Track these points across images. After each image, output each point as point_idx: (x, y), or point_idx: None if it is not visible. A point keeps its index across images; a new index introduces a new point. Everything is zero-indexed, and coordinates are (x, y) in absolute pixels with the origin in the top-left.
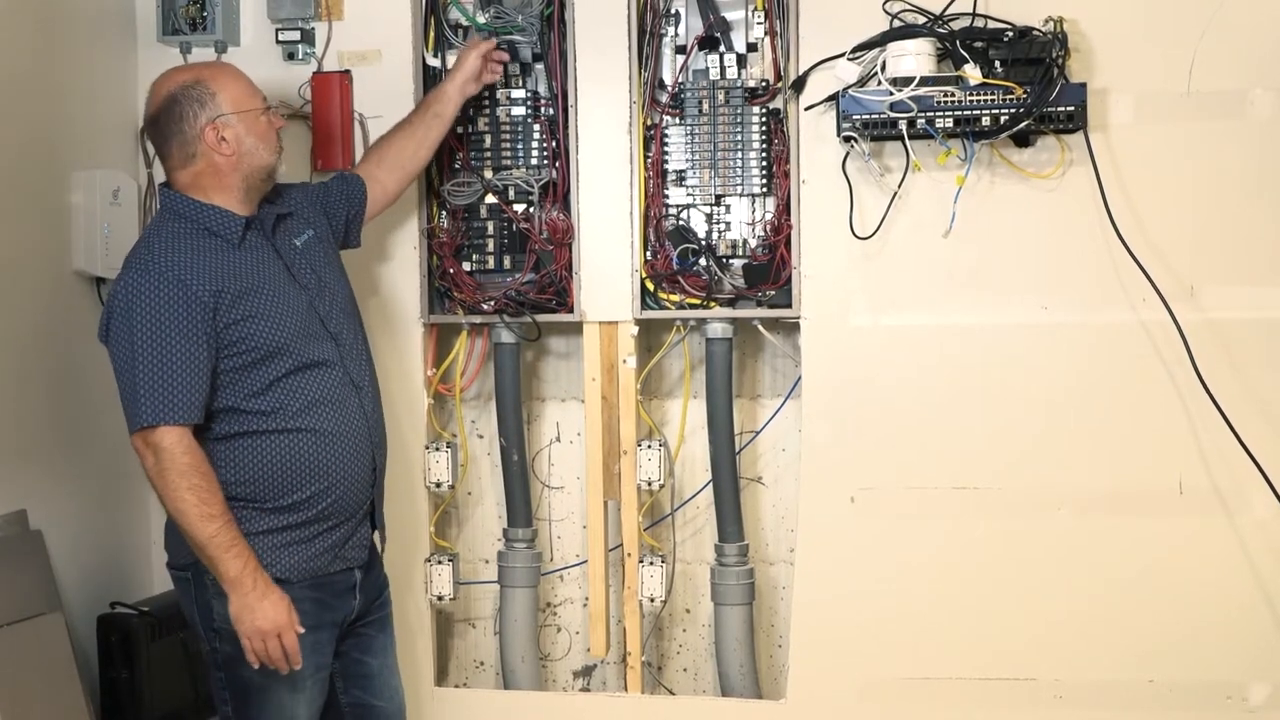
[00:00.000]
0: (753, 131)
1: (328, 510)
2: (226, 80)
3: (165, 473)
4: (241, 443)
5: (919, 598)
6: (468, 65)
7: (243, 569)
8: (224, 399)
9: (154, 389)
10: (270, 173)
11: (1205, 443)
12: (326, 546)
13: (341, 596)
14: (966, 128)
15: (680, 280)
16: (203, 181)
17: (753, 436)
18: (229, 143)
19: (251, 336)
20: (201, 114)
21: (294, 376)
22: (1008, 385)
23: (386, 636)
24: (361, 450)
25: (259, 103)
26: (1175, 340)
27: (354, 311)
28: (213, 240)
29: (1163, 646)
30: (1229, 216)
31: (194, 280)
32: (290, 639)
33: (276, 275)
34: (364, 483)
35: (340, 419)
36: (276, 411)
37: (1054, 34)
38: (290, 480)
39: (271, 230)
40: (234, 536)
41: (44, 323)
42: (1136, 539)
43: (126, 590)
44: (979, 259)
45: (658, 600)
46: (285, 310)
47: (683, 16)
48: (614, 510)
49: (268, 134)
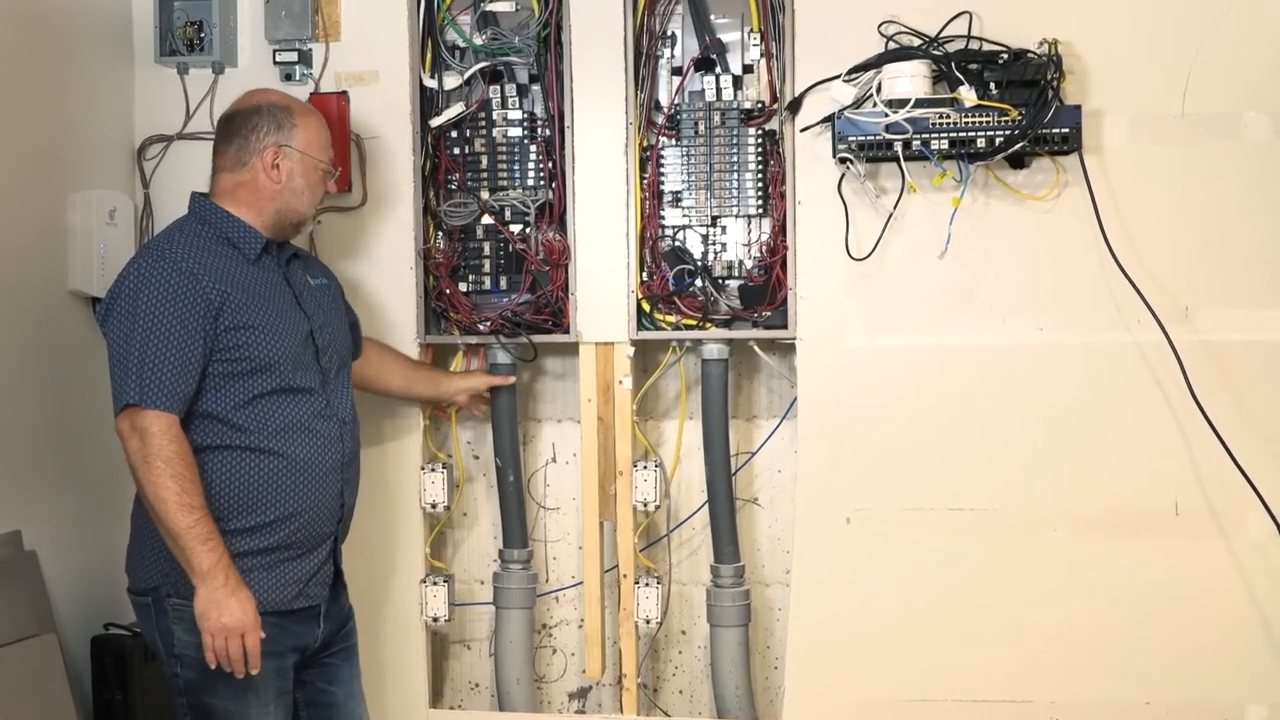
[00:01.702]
0: (749, 153)
1: (289, 539)
2: (311, 123)
3: (150, 458)
4: (212, 456)
5: (915, 619)
6: (472, 384)
7: (216, 563)
8: (207, 404)
9: (145, 370)
10: (300, 222)
11: (1201, 464)
12: (291, 579)
13: (305, 624)
14: (962, 149)
15: (676, 301)
16: (241, 194)
17: (749, 457)
18: (280, 171)
19: (247, 345)
20: (274, 134)
21: (277, 397)
22: (1003, 406)
23: (352, 667)
24: (330, 484)
25: (325, 160)
26: (1170, 361)
27: (348, 359)
28: (230, 250)
29: (1159, 668)
30: (1224, 238)
31: (205, 276)
32: (252, 640)
33: (282, 298)
34: (329, 517)
35: (314, 449)
36: (254, 428)
37: (1049, 56)
38: (254, 501)
39: (286, 262)
40: (211, 530)
41: (39, 343)
42: (1132, 560)
43: (120, 612)
44: (974, 280)
45: (653, 622)
46: (284, 330)
47: (679, 38)
48: (610, 531)
49: (317, 188)
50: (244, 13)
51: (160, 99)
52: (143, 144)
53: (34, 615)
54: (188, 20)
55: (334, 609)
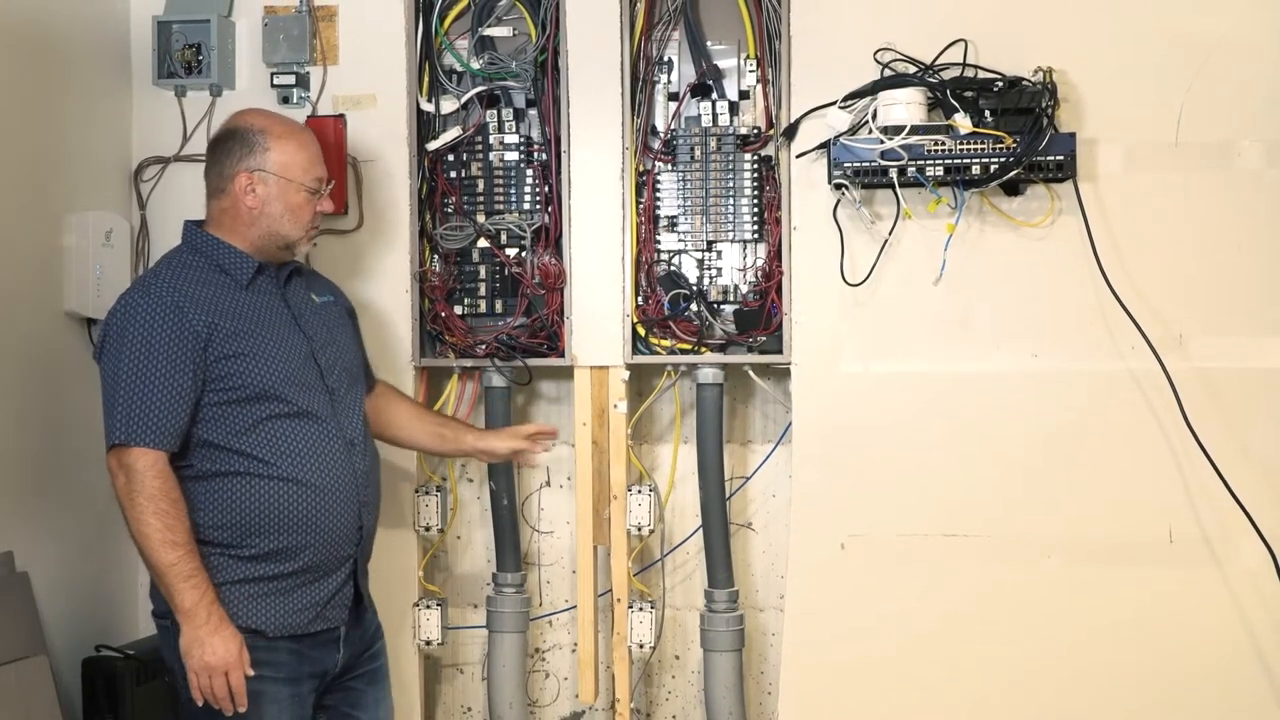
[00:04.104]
0: (744, 178)
1: (306, 565)
2: (289, 144)
3: (134, 495)
4: (220, 484)
5: (909, 645)
6: (499, 445)
7: (198, 601)
8: (207, 433)
9: (132, 409)
10: (287, 245)
11: (1195, 491)
12: (307, 603)
13: (323, 649)
14: (957, 176)
15: (671, 325)
16: (223, 220)
17: (743, 482)
18: (256, 196)
19: (239, 374)
20: (246, 159)
21: (280, 422)
22: (998, 432)
23: (378, 690)
24: (346, 507)
25: (309, 181)
26: (1164, 389)
27: (359, 376)
28: (222, 278)
29: (1153, 695)
30: (1217, 266)
31: (191, 309)
32: (237, 678)
33: (278, 321)
34: (346, 540)
35: (324, 472)
36: (258, 455)
37: (1043, 84)
38: (265, 527)
39: (284, 281)
40: (194, 568)
41: (34, 363)
42: (1126, 586)
43: (112, 633)
44: (969, 306)
45: (647, 646)
46: (280, 355)
47: (675, 64)
48: (604, 555)
49: (300, 210)
50: (242, 36)
51: (157, 121)
52: (139, 165)
53: (25, 636)
54: (186, 43)
55: (355, 632)
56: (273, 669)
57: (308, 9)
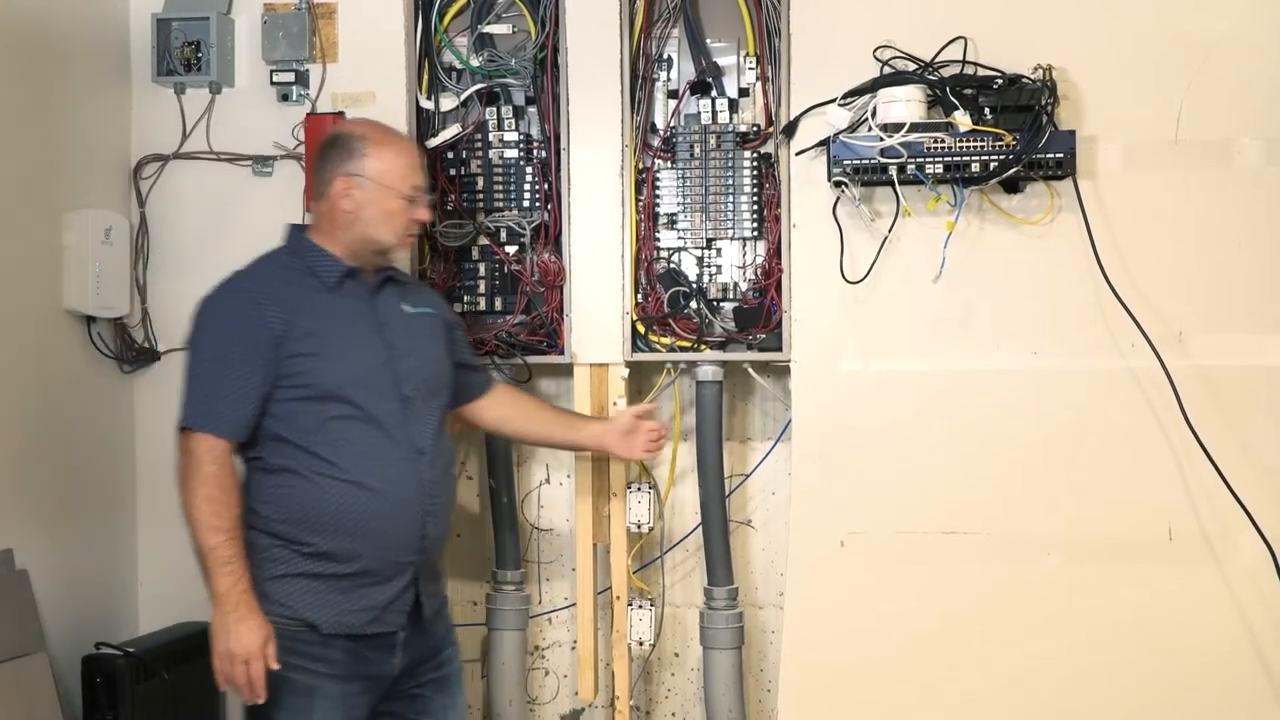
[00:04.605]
0: (744, 175)
1: (365, 568)
2: (387, 151)
3: (188, 477)
4: (286, 479)
5: (908, 642)
6: (621, 420)
7: (230, 588)
8: (277, 427)
9: (200, 396)
10: (381, 250)
11: (1194, 489)
12: (364, 605)
13: (379, 652)
14: (956, 174)
15: (671, 323)
16: (321, 223)
17: (743, 480)
18: (352, 200)
19: (309, 373)
20: (344, 164)
21: (347, 424)
22: (997, 430)
23: (447, 698)
24: (408, 514)
25: (405, 188)
26: (1164, 386)
27: (441, 388)
28: (310, 279)
29: (1152, 693)
30: (1217, 264)
31: (269, 306)
32: (257, 668)
33: (359, 325)
34: (407, 547)
35: (387, 478)
36: (324, 455)
37: (1043, 82)
38: (326, 527)
39: (377, 288)
40: (232, 555)
41: (34, 361)
42: (1125, 584)
43: (112, 631)
44: (969, 304)
45: (646, 644)
46: (353, 358)
47: (675, 61)
48: (603, 553)
49: (395, 216)
50: (241, 33)
51: (157, 118)
52: (139, 163)
53: (25, 634)
54: (185, 40)
55: (417, 638)
56: (326, 665)
57: (307, 6)
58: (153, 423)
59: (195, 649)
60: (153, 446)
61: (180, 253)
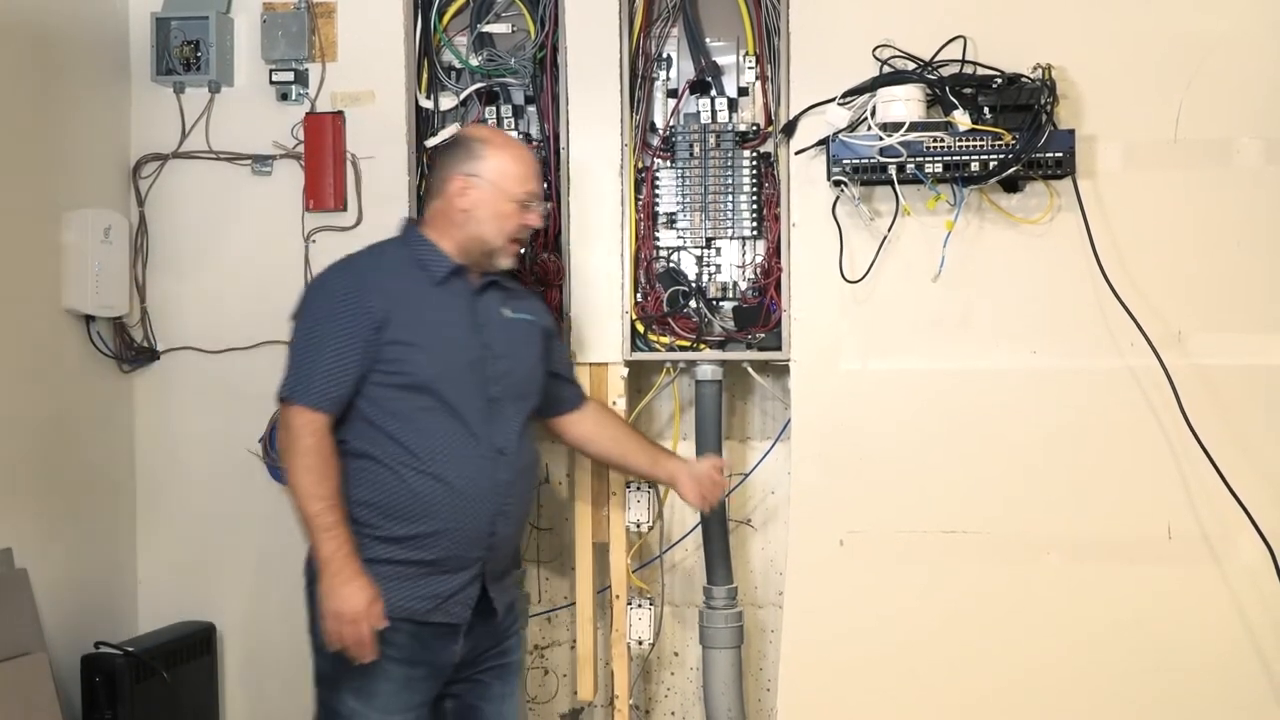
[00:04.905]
0: (743, 175)
1: (433, 558)
2: (506, 157)
3: (288, 449)
4: (365, 465)
5: (907, 641)
6: (697, 467)
7: (335, 551)
8: (367, 409)
9: (299, 370)
10: (489, 252)
11: (1194, 488)
12: (428, 594)
13: (442, 640)
14: (956, 173)
15: (670, 322)
16: (436, 220)
17: (742, 479)
18: (468, 199)
19: (402, 361)
20: (464, 164)
21: (431, 416)
22: (997, 429)
23: (505, 686)
24: (479, 511)
25: (519, 193)
26: (1163, 386)
27: (531, 393)
28: (417, 272)
29: (1151, 692)
30: (1216, 263)
31: (373, 293)
32: (366, 628)
33: (457, 322)
34: (475, 543)
35: (463, 474)
36: (405, 443)
37: (1042, 81)
38: (397, 513)
39: (480, 290)
40: (335, 521)
41: (33, 360)
42: (1125, 583)
43: (111, 630)
44: (968, 303)
45: (646, 643)
46: (445, 353)
47: (674, 61)
48: (602, 552)
49: (506, 220)
50: (241, 33)
51: (156, 118)
52: (138, 162)
53: (24, 633)
54: (184, 39)
55: (482, 628)
56: (390, 648)
57: (306, 6)
58: (152, 422)
59: (194, 648)
60: (152, 445)
61: (179, 252)
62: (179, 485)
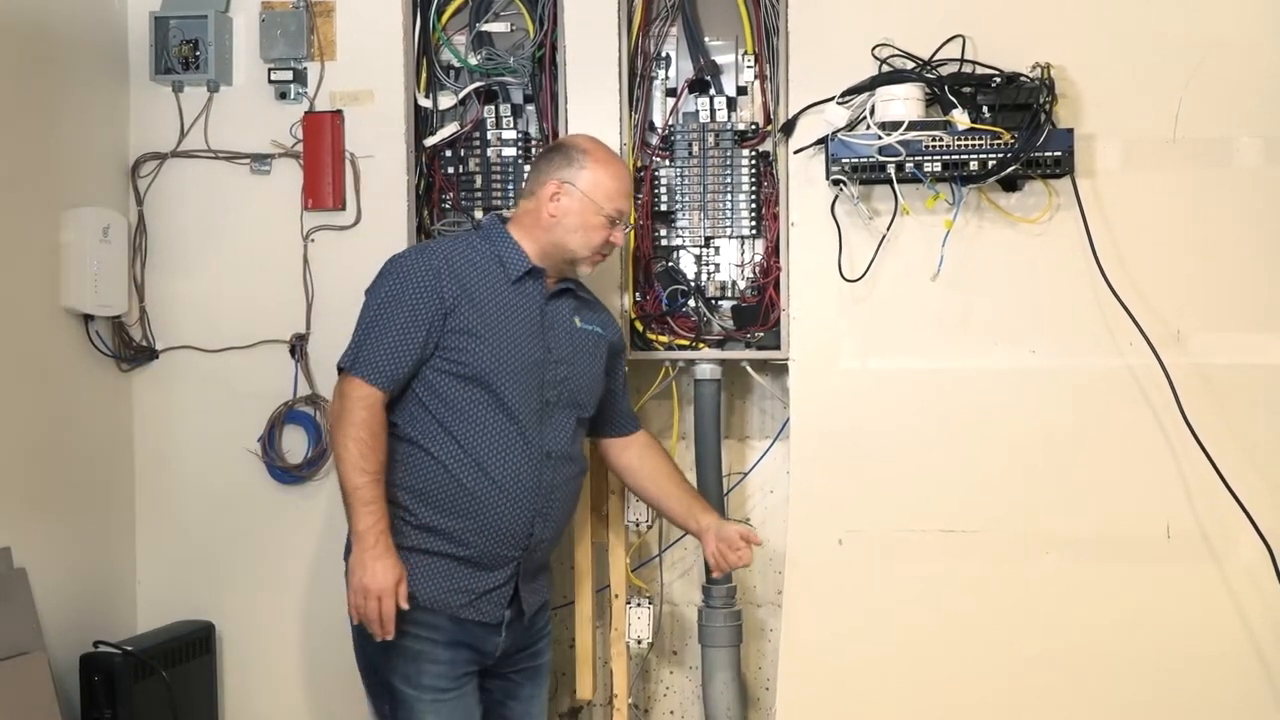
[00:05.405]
0: (742, 174)
1: (468, 553)
2: (604, 171)
3: (340, 418)
4: (411, 450)
5: (906, 640)
6: (726, 530)
7: (371, 526)
8: (423, 393)
9: (363, 343)
10: (571, 261)
11: (1192, 487)
12: (461, 588)
13: (483, 628)
14: (954, 172)
15: (669, 321)
16: (524, 219)
17: (741, 478)
18: (559, 205)
19: (466, 350)
20: (561, 170)
21: (485, 411)
22: (996, 429)
23: (534, 688)
24: (518, 511)
25: (609, 208)
26: (1162, 385)
27: (586, 403)
28: (495, 267)
29: (1150, 691)
30: (1215, 262)
31: (446, 279)
32: (389, 605)
33: (525, 323)
34: (513, 543)
35: (508, 473)
36: (456, 435)
37: (1041, 80)
38: (438, 504)
39: (553, 295)
40: (375, 496)
41: (32, 359)
42: (1124, 583)
43: (110, 629)
44: (967, 302)
45: (645, 642)
46: (508, 351)
47: (673, 60)
48: (601, 551)
49: (593, 232)
50: (239, 32)
51: (155, 117)
52: (137, 161)
53: (23, 632)
54: (183, 38)
55: (519, 624)
56: (433, 631)
57: (305, 5)
58: (151, 421)
59: (194, 647)
60: (151, 445)
61: (178, 251)
62: (178, 484)
